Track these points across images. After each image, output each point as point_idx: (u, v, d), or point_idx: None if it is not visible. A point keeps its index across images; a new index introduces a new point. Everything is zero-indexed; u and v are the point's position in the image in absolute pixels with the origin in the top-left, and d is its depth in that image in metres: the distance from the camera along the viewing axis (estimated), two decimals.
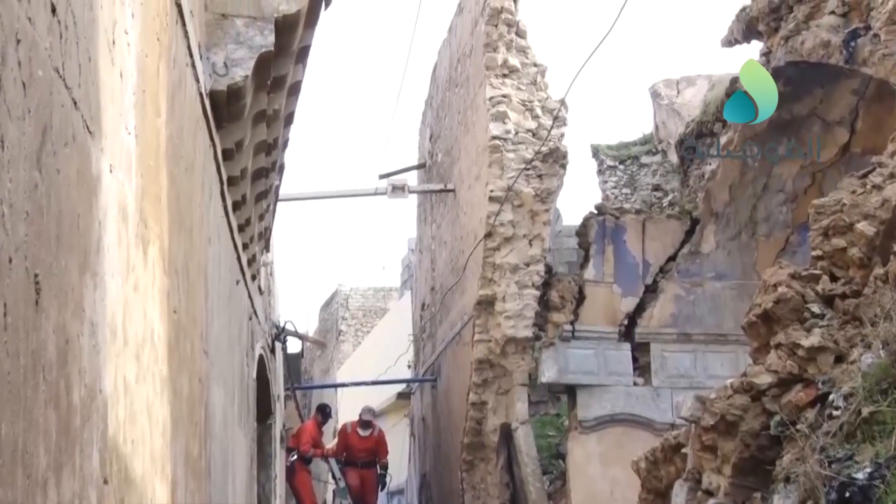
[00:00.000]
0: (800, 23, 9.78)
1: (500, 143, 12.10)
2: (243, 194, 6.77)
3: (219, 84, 5.00)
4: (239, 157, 6.04)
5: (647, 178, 16.33)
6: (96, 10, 2.63)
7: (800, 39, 9.78)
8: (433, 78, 17.51)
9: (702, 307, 12.82)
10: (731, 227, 12.72)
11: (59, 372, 2.29)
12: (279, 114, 6.40)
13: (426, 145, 18.08)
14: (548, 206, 12.23)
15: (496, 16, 12.30)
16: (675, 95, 16.65)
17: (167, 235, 3.91)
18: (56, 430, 2.25)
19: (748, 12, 10.92)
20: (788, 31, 10.00)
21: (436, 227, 16.75)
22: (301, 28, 5.53)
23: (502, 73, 12.38)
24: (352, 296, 34.09)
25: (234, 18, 5.06)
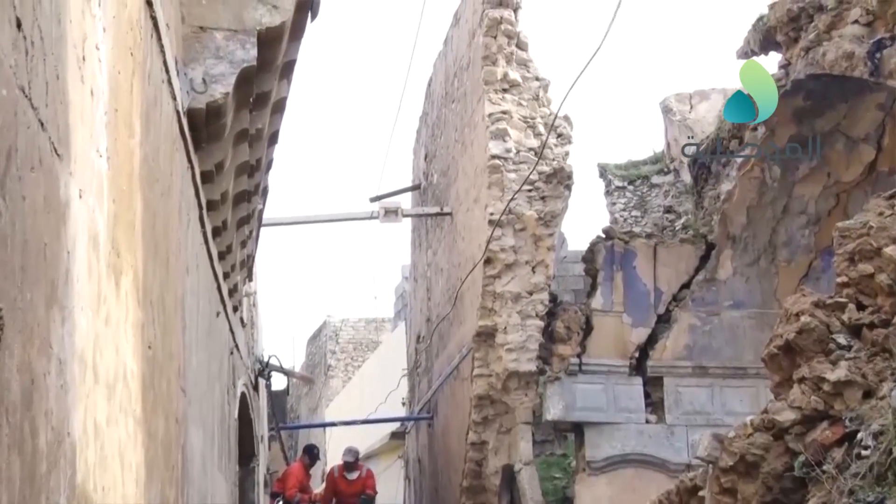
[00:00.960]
0: (821, 33, 9.83)
1: (499, 163, 12.13)
2: (224, 220, 6.77)
3: (197, 101, 5.01)
4: (219, 179, 6.05)
5: (658, 200, 16.35)
6: (65, 25, 2.64)
7: (821, 51, 9.83)
8: (428, 93, 17.57)
9: (719, 338, 12.81)
10: (749, 251, 12.73)
11: (23, 414, 2.28)
12: (262, 133, 6.41)
13: (420, 165, 18.12)
14: (552, 229, 12.24)
15: (495, 27, 12.36)
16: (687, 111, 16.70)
17: (141, 265, 3.90)
18: (20, 476, 2.24)
19: (765, 22, 10.98)
20: (809, 42, 10.05)
21: (431, 253, 16.75)
22: (285, 41, 5.56)
23: (502, 88, 12.43)
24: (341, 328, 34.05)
25: (213, 31, 5.08)
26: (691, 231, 13.80)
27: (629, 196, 16.80)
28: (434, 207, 15.67)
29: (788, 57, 10.71)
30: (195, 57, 5.04)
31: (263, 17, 5.20)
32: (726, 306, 12.84)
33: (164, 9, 4.35)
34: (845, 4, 9.51)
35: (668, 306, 13.02)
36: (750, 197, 12.41)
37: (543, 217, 12.15)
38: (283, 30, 5.36)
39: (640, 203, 16.62)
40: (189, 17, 5.07)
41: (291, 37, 5.67)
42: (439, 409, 15.75)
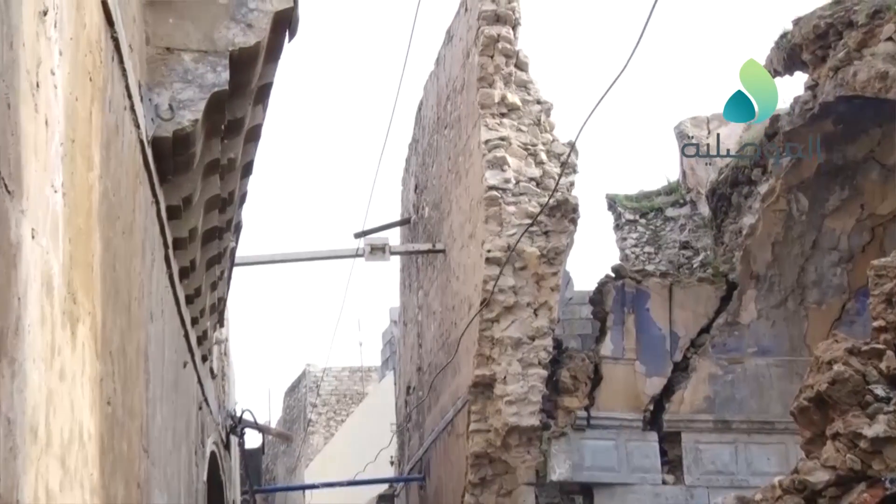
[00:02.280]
0: (851, 51, 9.91)
1: (498, 195, 12.17)
2: (192, 259, 6.76)
3: (163, 130, 5.02)
4: (187, 215, 6.05)
5: (673, 235, 16.40)
6: (17, 49, 2.65)
7: (851, 70, 9.91)
8: (418, 118, 17.64)
9: (742, 389, 12.80)
10: (775, 292, 12.75)
11: None
12: (235, 163, 6.42)
13: (410, 198, 18.16)
14: (556, 268, 12.26)
15: (492, 45, 12.45)
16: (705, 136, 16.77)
17: (100, 311, 3.89)
18: None
19: (790, 39, 11.07)
20: (838, 61, 10.13)
21: (423, 294, 16.74)
22: (261, 63, 5.58)
23: (500, 112, 12.50)
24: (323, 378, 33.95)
25: (181, 53, 5.10)
26: (710, 269, 13.82)
27: (641, 230, 16.85)
28: (425, 244, 15.69)
29: (816, 77, 10.78)
30: (161, 81, 5.06)
31: (236, 36, 5.22)
32: (750, 353, 12.84)
33: (127, 28, 4.38)
34: (877, 20, 9.60)
35: (686, 353, 13.00)
36: (775, 231, 12.44)
37: (546, 254, 12.17)
38: (257, 50, 5.38)
39: (653, 238, 16.66)
40: (154, 38, 5.09)
41: (267, 58, 5.69)
42: (432, 469, 15.67)
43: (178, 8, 5.16)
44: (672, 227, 16.56)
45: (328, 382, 34.11)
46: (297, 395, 35.79)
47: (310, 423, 33.65)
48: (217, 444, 10.90)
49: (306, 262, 15.70)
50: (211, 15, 5.21)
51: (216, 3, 5.21)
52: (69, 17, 3.27)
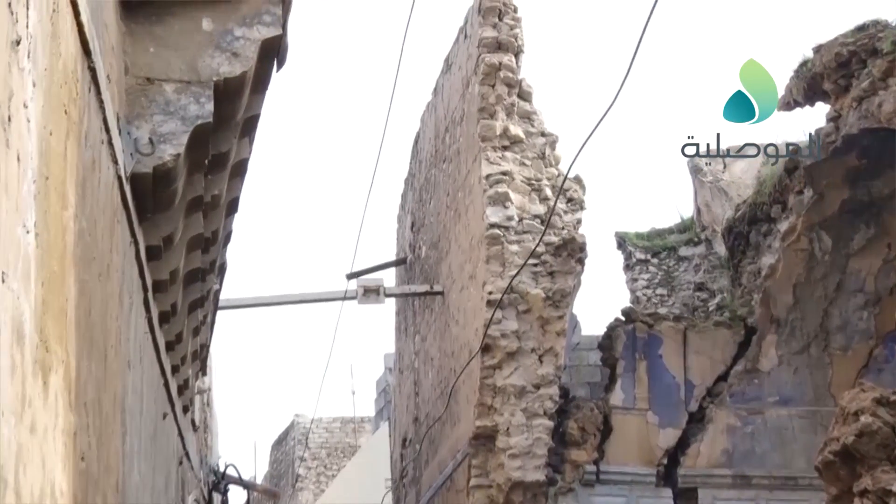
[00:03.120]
0: (876, 80, 9.96)
1: (499, 233, 12.18)
2: (173, 303, 6.76)
3: (143, 165, 5.04)
4: (168, 256, 6.05)
5: (687, 276, 16.40)
6: None
7: (876, 101, 9.95)
8: (414, 151, 17.70)
9: (763, 441, 12.75)
10: (797, 337, 12.74)
11: None
12: (219, 200, 6.43)
13: (406, 236, 18.18)
14: (562, 311, 12.25)
15: (493, 74, 12.51)
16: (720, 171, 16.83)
17: (74, 360, 3.89)
18: None
19: (810, 68, 11.13)
20: (862, 91, 10.18)
21: (420, 339, 16.71)
22: (247, 94, 5.60)
23: (502, 145, 12.54)
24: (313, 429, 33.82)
25: (162, 83, 5.12)
26: (728, 313, 13.81)
27: (653, 271, 16.85)
28: (422, 285, 15.68)
29: (838, 108, 10.83)
30: (141, 113, 5.08)
31: (221, 66, 5.24)
32: (771, 403, 12.81)
33: (105, 58, 4.40)
34: None
35: (702, 403, 12.97)
36: (796, 272, 12.45)
37: (552, 296, 12.17)
38: (244, 81, 5.40)
39: (666, 279, 16.66)
40: (134, 67, 5.11)
41: (254, 89, 5.72)
42: None
43: (160, 36, 5.18)
44: (686, 268, 16.57)
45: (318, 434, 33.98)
46: (284, 449, 35.62)
47: (298, 479, 33.46)
48: (199, 501, 10.85)
49: (295, 305, 15.70)
50: (194, 43, 5.24)
51: (200, 31, 5.24)
52: (44, 46, 3.29)
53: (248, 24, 5.32)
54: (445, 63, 14.93)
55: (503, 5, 12.57)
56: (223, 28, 5.28)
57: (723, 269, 15.52)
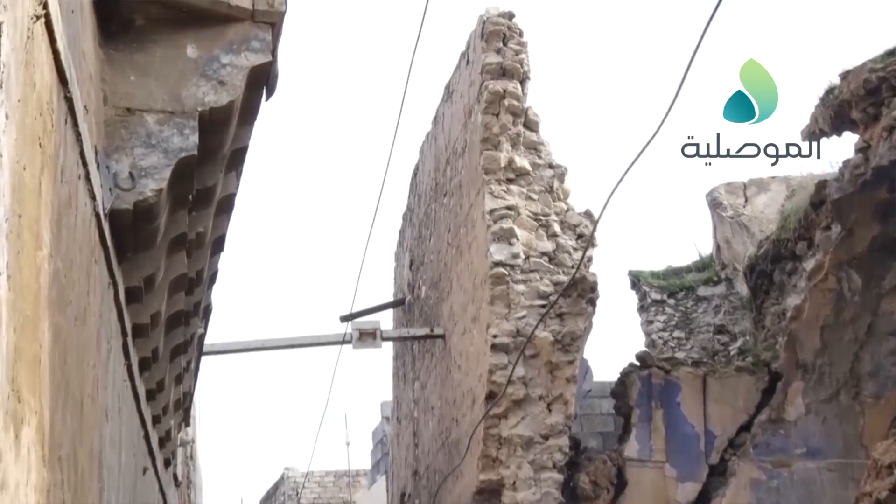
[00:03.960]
0: None
1: (505, 272, 12.19)
2: (154, 349, 6.76)
3: (122, 201, 5.05)
4: (149, 298, 6.07)
5: (706, 317, 16.39)
6: None
7: None
8: (413, 184, 17.74)
9: (790, 496, 12.70)
10: (825, 384, 12.71)
11: None
12: (204, 238, 6.45)
13: (404, 275, 18.18)
14: (572, 356, 12.24)
15: (497, 102, 12.55)
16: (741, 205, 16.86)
17: (48, 411, 3.88)
18: None
19: (837, 95, 11.17)
20: (893, 120, 10.21)
21: (419, 386, 16.68)
22: (234, 125, 5.63)
23: (507, 178, 12.57)
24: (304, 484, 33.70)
25: (143, 114, 5.15)
26: (750, 357, 13.80)
27: (670, 312, 16.84)
28: (422, 328, 15.67)
29: (867, 138, 10.86)
30: (121, 146, 5.10)
31: (207, 95, 5.27)
32: (798, 455, 12.76)
33: (83, 87, 4.42)
34: None
35: (724, 455, 12.93)
36: (824, 314, 12.43)
37: (561, 340, 12.16)
38: (231, 111, 5.43)
39: (683, 321, 16.65)
40: (113, 97, 5.14)
41: (242, 119, 5.75)
42: None
43: (141, 63, 5.21)
44: (705, 309, 16.55)
45: (310, 489, 33.84)
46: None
47: None
48: None
49: (285, 350, 15.66)
50: (178, 71, 5.27)
51: (184, 58, 5.27)
52: (17, 76, 3.31)
53: (235, 50, 5.36)
54: (446, 90, 14.99)
55: (507, 29, 12.62)
56: (209, 55, 5.31)
57: (745, 311, 15.50)
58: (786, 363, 12.74)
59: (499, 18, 12.66)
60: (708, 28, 6.61)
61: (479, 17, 12.93)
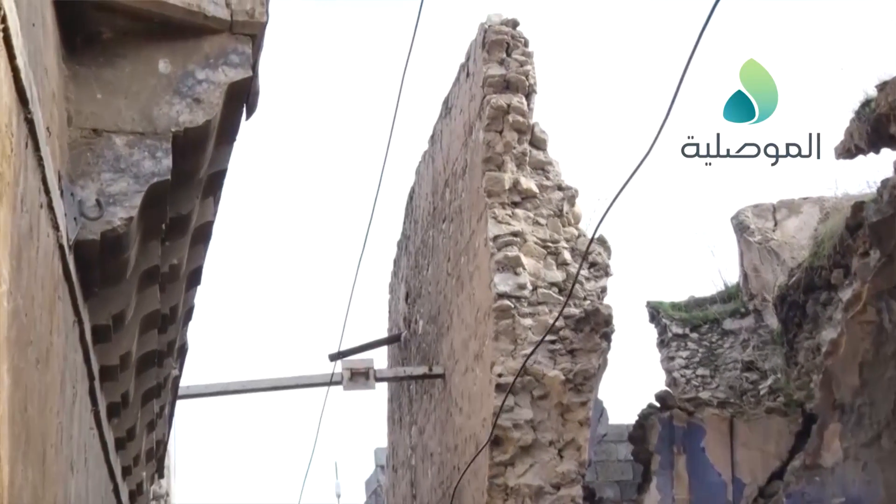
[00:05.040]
0: None
1: (510, 304, 12.19)
2: (124, 393, 6.76)
3: (89, 231, 5.06)
4: (118, 337, 6.06)
5: (733, 353, 16.38)
6: None
7: None
8: (409, 209, 17.75)
9: None
10: (865, 426, 12.68)
11: None
12: (179, 271, 6.45)
13: (400, 309, 18.17)
14: (585, 397, 12.22)
15: (500, 118, 12.57)
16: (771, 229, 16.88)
17: (7, 463, 3.88)
18: None
19: (874, 108, 11.19)
20: None
21: (417, 431, 16.65)
22: (211, 147, 5.64)
23: (511, 201, 12.58)
24: None
25: (111, 136, 5.16)
26: (782, 397, 13.79)
27: (693, 348, 16.84)
28: (419, 367, 15.65)
29: None
30: (87, 171, 5.11)
31: (181, 114, 5.28)
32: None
33: (45, 107, 4.43)
34: None
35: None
36: (863, 348, 12.42)
37: (573, 379, 12.15)
38: (207, 131, 5.44)
39: (708, 357, 16.64)
40: (78, 117, 5.15)
41: (220, 140, 5.76)
42: None
43: (109, 80, 5.23)
44: (732, 344, 16.55)
45: None
46: None
47: None
48: None
49: (269, 392, 15.64)
50: (149, 88, 5.29)
51: (155, 74, 5.29)
52: None
53: (212, 65, 5.38)
54: (444, 106, 15.02)
55: (511, 38, 12.65)
56: (183, 70, 5.33)
57: (775, 346, 15.49)
58: (821, 403, 12.72)
59: (501, 27, 12.69)
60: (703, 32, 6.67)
61: (480, 26, 12.96)
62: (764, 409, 13.45)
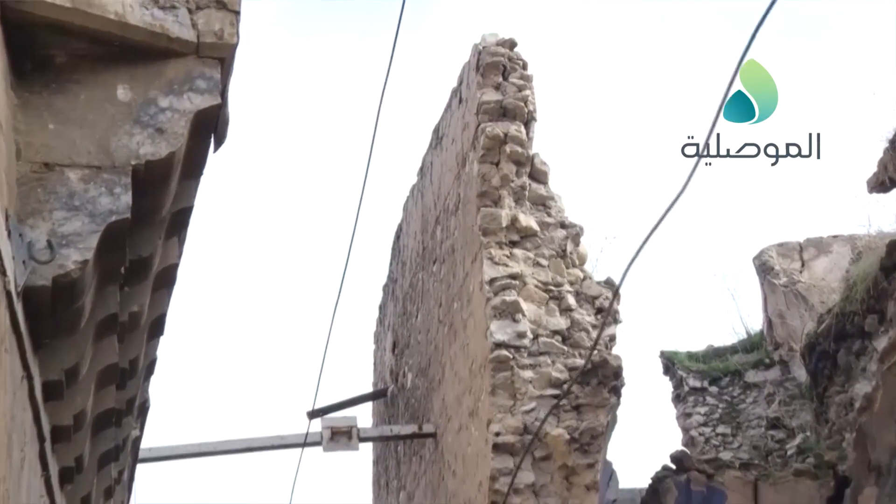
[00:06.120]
0: None
1: (509, 356, 12.17)
2: (78, 456, 6.73)
3: (39, 276, 5.04)
4: (72, 393, 6.04)
5: (757, 409, 16.37)
6: None
7: None
8: (395, 249, 17.76)
9: None
10: None
11: None
12: (140, 320, 6.44)
13: (386, 360, 18.15)
14: (592, 458, 12.20)
15: (497, 148, 12.59)
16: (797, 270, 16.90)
17: None
18: None
19: None
20: None
21: (406, 497, 16.62)
22: (175, 182, 5.64)
23: (509, 240, 12.59)
24: None
25: (64, 170, 5.16)
26: (811, 458, 13.77)
27: (712, 403, 16.82)
28: (408, 426, 15.62)
29: None
30: (37, 209, 5.10)
31: (142, 146, 5.28)
32: None
33: None
34: None
35: None
36: None
37: (579, 438, 12.13)
38: (171, 164, 5.44)
39: (729, 414, 16.63)
40: (28, 150, 5.14)
41: (185, 174, 5.76)
42: None
43: (62, 109, 5.23)
44: (755, 399, 16.54)
45: None
46: None
47: None
48: None
49: (240, 454, 15.59)
50: (107, 117, 5.29)
51: (114, 102, 5.29)
52: None
53: (176, 91, 5.38)
54: (434, 135, 15.05)
55: (508, 60, 12.69)
56: (144, 97, 5.33)
57: (804, 401, 15.49)
58: (855, 465, 12.71)
59: (497, 47, 12.73)
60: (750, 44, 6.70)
61: (474, 47, 12.99)
62: (791, 471, 13.43)
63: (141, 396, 7.80)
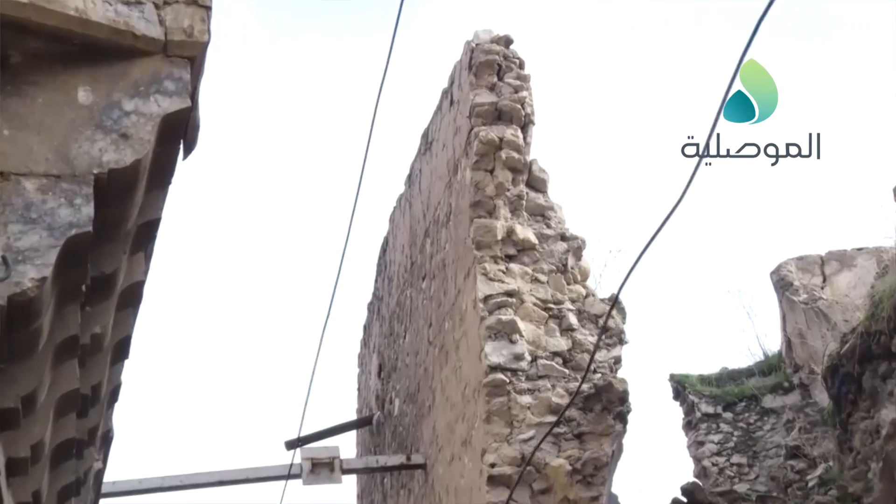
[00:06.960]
0: None
1: (505, 379, 12.17)
2: (36, 491, 6.72)
3: None
4: (28, 423, 6.03)
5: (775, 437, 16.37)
6: None
7: None
8: (381, 264, 17.76)
9: None
10: None
11: None
12: (102, 342, 6.43)
13: (371, 385, 18.15)
14: (595, 490, 12.21)
15: (491, 154, 12.59)
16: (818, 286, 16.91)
17: None
18: None
19: None
20: None
21: None
22: (141, 192, 5.64)
23: (506, 254, 12.59)
24: None
25: (20, 179, 5.16)
26: (835, 489, 13.77)
27: (726, 430, 16.82)
28: (396, 456, 15.62)
29: None
30: None
31: (105, 153, 5.28)
32: None
33: None
34: None
35: None
36: None
37: (581, 468, 12.13)
38: (136, 174, 5.44)
39: (745, 442, 16.64)
40: None
41: (152, 183, 5.76)
42: None
43: (18, 112, 5.23)
44: (774, 425, 16.55)
45: None
46: None
47: None
48: None
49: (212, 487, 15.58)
50: (66, 122, 5.29)
51: (74, 105, 5.29)
52: None
53: (142, 94, 5.38)
54: (423, 140, 15.06)
55: (504, 59, 12.70)
56: (107, 100, 5.33)
57: (826, 427, 15.48)
58: (882, 496, 12.73)
59: (492, 45, 12.74)
60: None
61: (466, 45, 13.00)
62: (813, 503, 13.42)
63: (104, 425, 7.78)
